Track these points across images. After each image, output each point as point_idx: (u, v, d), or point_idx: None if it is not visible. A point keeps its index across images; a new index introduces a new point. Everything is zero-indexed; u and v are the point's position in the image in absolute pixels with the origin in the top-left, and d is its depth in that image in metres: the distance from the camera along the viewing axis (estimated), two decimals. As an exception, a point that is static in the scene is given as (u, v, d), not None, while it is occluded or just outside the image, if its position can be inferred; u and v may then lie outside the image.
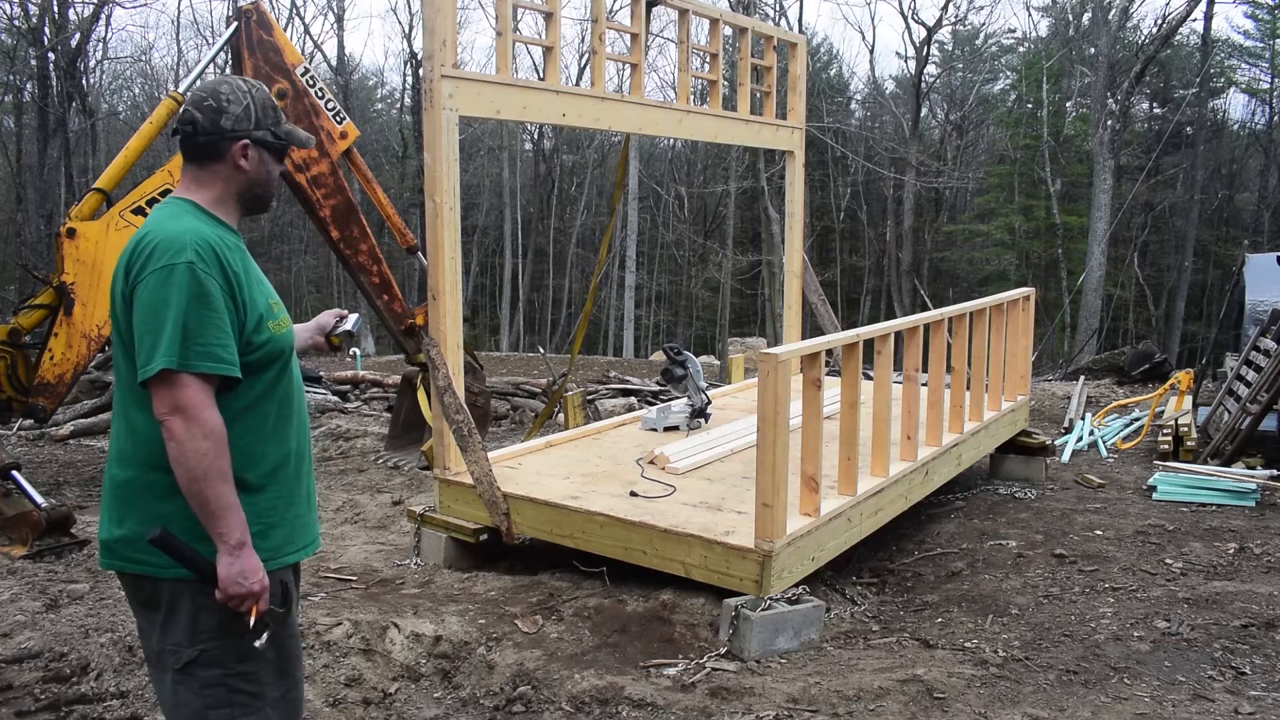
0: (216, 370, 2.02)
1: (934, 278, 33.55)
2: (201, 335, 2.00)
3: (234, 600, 2.05)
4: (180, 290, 1.99)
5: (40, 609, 4.21)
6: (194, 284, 2.00)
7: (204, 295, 2.01)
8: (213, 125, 2.15)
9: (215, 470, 1.99)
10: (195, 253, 2.02)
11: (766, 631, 3.87)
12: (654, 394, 11.10)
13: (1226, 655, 3.73)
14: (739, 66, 7.03)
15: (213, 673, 2.10)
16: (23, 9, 21.06)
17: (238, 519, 2.04)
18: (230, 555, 2.03)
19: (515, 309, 33.35)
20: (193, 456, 1.97)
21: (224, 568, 2.03)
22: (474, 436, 4.73)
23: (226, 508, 2.02)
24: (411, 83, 31.89)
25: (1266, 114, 32.34)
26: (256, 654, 2.12)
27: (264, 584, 2.07)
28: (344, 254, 7.09)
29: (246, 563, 2.04)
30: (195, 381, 1.99)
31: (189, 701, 2.11)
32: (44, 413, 6.26)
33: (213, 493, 2.00)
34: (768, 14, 21.59)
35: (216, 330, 2.02)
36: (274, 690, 2.18)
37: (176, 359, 1.97)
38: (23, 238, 21.41)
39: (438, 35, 4.60)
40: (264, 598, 2.08)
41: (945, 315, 5.51)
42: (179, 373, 1.98)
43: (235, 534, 2.03)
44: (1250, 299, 9.74)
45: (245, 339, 2.10)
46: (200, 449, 1.98)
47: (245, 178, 2.21)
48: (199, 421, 1.98)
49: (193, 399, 1.99)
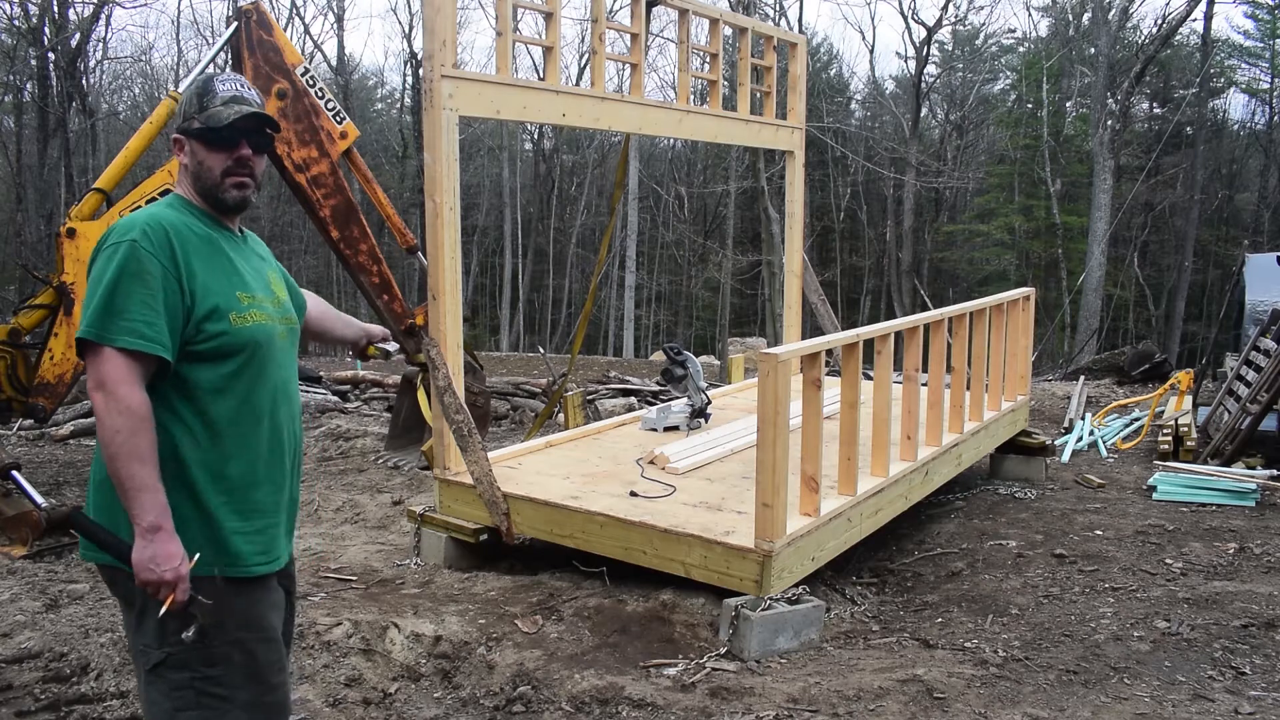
0: (135, 346, 1.97)
1: (934, 278, 33.56)
2: (128, 310, 1.98)
3: (149, 587, 1.99)
4: (116, 266, 2.00)
5: (40, 609, 4.21)
6: (133, 261, 2.00)
7: (140, 273, 2.00)
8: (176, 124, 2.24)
9: (130, 448, 1.94)
10: (143, 232, 2.03)
11: (766, 631, 3.87)
12: (654, 394, 11.11)
13: (1226, 655, 3.73)
14: (739, 66, 7.03)
15: (181, 675, 2.07)
16: (23, 9, 21.07)
17: (152, 501, 1.97)
18: (144, 539, 1.97)
19: (515, 309, 33.36)
20: (108, 433, 1.95)
21: (136, 551, 1.98)
22: (474, 436, 4.73)
23: (140, 488, 1.96)
24: (411, 83, 31.90)
25: (1266, 114, 32.37)
26: (224, 657, 2.08)
27: (179, 573, 1.99)
28: (344, 254, 7.09)
29: (161, 548, 1.97)
30: (116, 356, 1.97)
31: (158, 702, 2.09)
32: (44, 413, 6.25)
33: (126, 472, 1.95)
34: (768, 14, 21.60)
35: (145, 308, 1.99)
36: (244, 694, 2.12)
37: (95, 330, 1.97)
38: (23, 238, 21.40)
39: (438, 35, 4.60)
40: (180, 587, 1.99)
41: (945, 315, 5.50)
42: (101, 346, 1.97)
43: (148, 516, 1.96)
44: (1250, 299, 9.75)
45: (195, 325, 2.07)
46: (114, 425, 1.94)
47: (189, 173, 2.23)
48: (116, 397, 1.95)
49: (111, 374, 1.96)
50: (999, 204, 32.85)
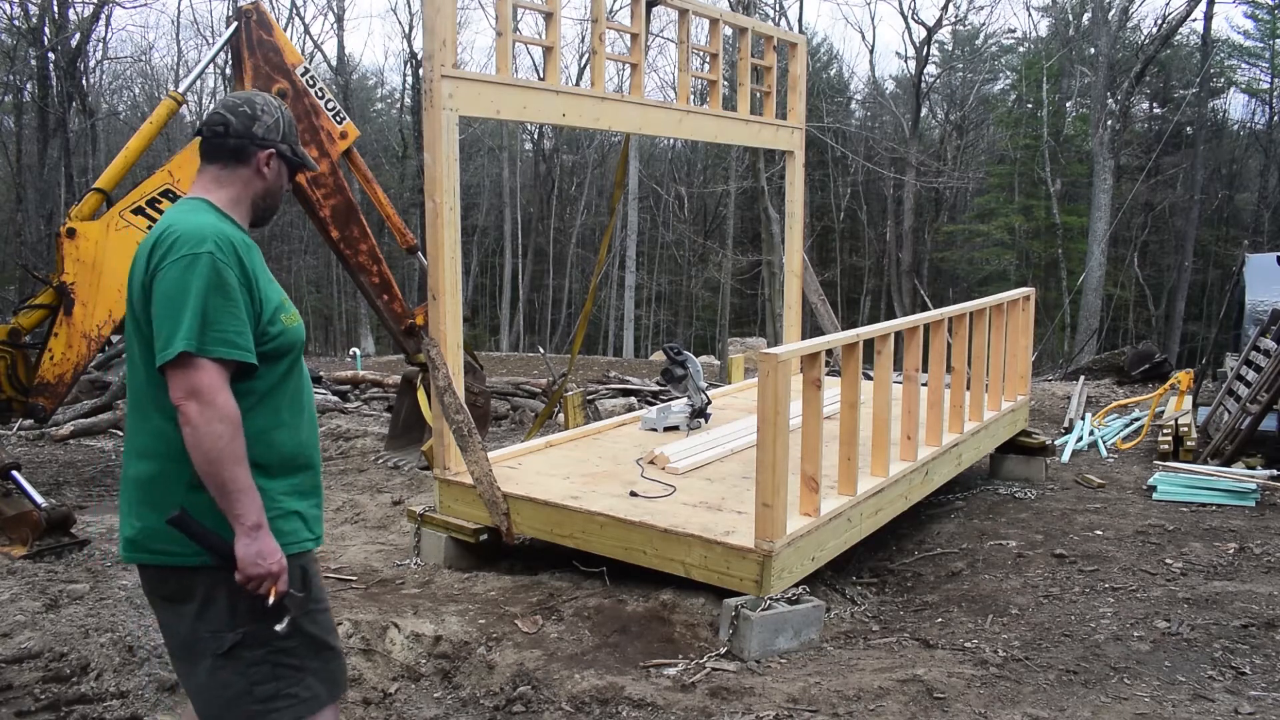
0: (232, 355, 2.10)
1: (934, 278, 33.55)
2: (219, 322, 2.09)
3: (253, 581, 2.11)
4: (200, 278, 2.08)
5: (40, 609, 4.20)
6: (213, 273, 2.09)
7: (222, 285, 2.10)
8: (245, 130, 2.28)
9: (230, 453, 2.06)
10: (215, 244, 2.12)
11: (766, 631, 3.87)
12: (654, 394, 11.11)
13: (1226, 655, 3.73)
14: (739, 66, 7.03)
15: (256, 652, 2.17)
16: (23, 9, 21.06)
17: (254, 501, 2.10)
18: (248, 537, 2.10)
19: (515, 309, 33.35)
20: (208, 440, 2.05)
21: (242, 549, 2.10)
22: (474, 436, 4.73)
23: (242, 490, 2.08)
24: (411, 83, 31.88)
25: (1266, 114, 32.34)
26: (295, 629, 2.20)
27: (282, 565, 2.14)
28: (344, 254, 7.09)
29: (264, 544, 2.11)
30: (211, 366, 2.07)
31: (232, 683, 2.17)
32: (44, 413, 6.25)
33: (229, 475, 2.06)
34: (768, 14, 21.59)
35: (232, 318, 2.11)
36: (313, 661, 2.27)
37: (195, 343, 2.05)
38: (23, 238, 21.39)
39: (438, 35, 4.60)
40: (282, 579, 2.14)
41: (945, 315, 5.50)
42: (196, 357, 2.06)
43: (252, 516, 2.10)
44: (1250, 299, 9.74)
45: (261, 329, 2.19)
46: (215, 432, 2.05)
47: (263, 185, 2.35)
48: (215, 405, 2.06)
49: (209, 383, 2.06)
50: (999, 204, 32.83)
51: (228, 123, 2.28)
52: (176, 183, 6.30)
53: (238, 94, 2.36)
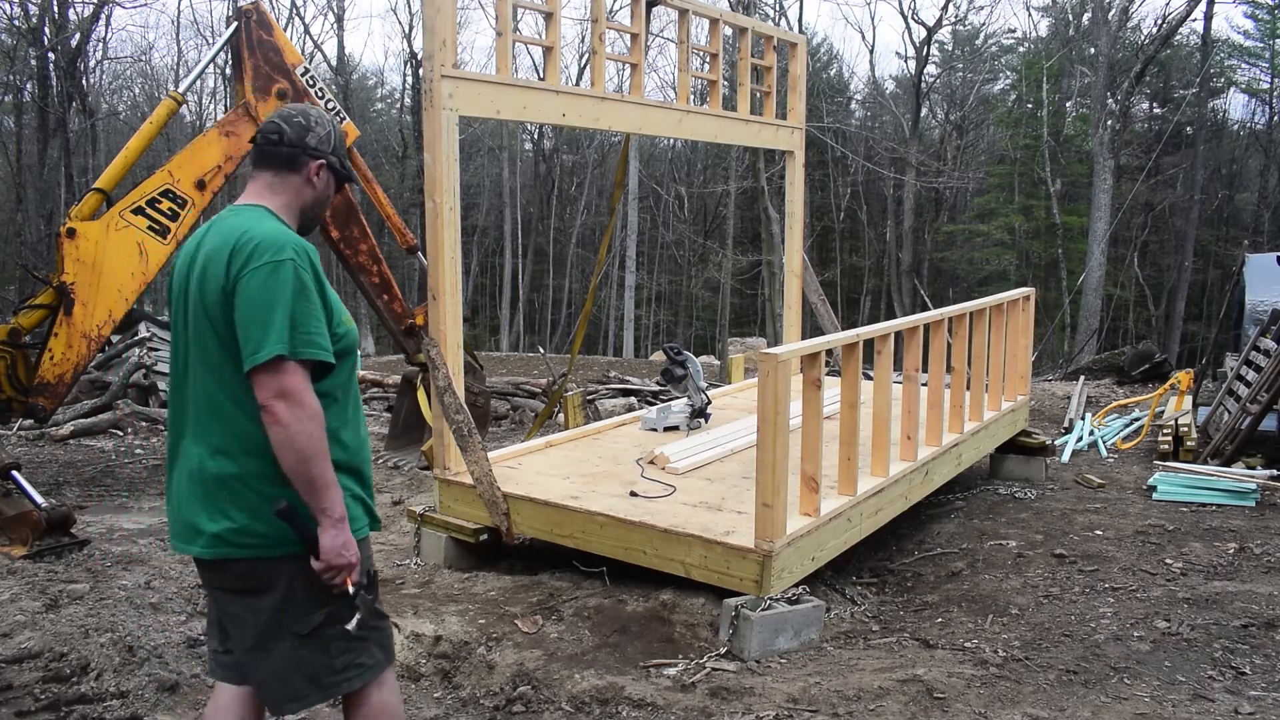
0: (319, 357, 2.20)
1: (934, 278, 33.55)
2: (306, 325, 2.19)
3: (332, 571, 2.23)
4: (286, 284, 2.18)
5: (40, 609, 4.20)
6: (296, 279, 2.19)
7: (304, 289, 2.20)
8: (298, 139, 2.38)
9: (319, 450, 2.17)
10: (294, 251, 2.22)
11: (766, 631, 3.87)
12: (654, 394, 11.11)
13: (1226, 655, 3.73)
14: (739, 66, 7.03)
15: (335, 629, 2.30)
16: (23, 9, 21.05)
17: (339, 495, 2.23)
18: (335, 529, 2.21)
19: (515, 309, 33.35)
20: (300, 438, 2.14)
21: (328, 540, 2.21)
22: (474, 436, 4.73)
23: (329, 484, 2.20)
24: (411, 83, 31.88)
25: (1266, 114, 32.33)
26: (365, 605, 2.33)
27: (358, 556, 2.27)
28: (344, 254, 7.09)
29: (347, 536, 2.24)
30: (299, 368, 2.17)
31: (313, 660, 2.31)
32: (44, 413, 6.25)
33: (317, 471, 2.17)
34: (768, 14, 21.59)
35: (316, 321, 2.22)
36: (374, 633, 2.42)
37: (287, 346, 2.15)
38: (23, 238, 21.38)
39: (438, 35, 4.60)
40: (356, 569, 2.27)
41: (945, 315, 5.50)
42: (288, 359, 2.15)
43: (338, 509, 2.22)
44: (1250, 299, 9.74)
45: (331, 331, 2.29)
46: (306, 430, 2.15)
47: (313, 194, 2.45)
48: (304, 405, 2.16)
49: (297, 384, 2.16)
50: (999, 204, 32.82)
51: (282, 131, 2.37)
52: (176, 183, 6.30)
53: (293, 105, 2.47)
